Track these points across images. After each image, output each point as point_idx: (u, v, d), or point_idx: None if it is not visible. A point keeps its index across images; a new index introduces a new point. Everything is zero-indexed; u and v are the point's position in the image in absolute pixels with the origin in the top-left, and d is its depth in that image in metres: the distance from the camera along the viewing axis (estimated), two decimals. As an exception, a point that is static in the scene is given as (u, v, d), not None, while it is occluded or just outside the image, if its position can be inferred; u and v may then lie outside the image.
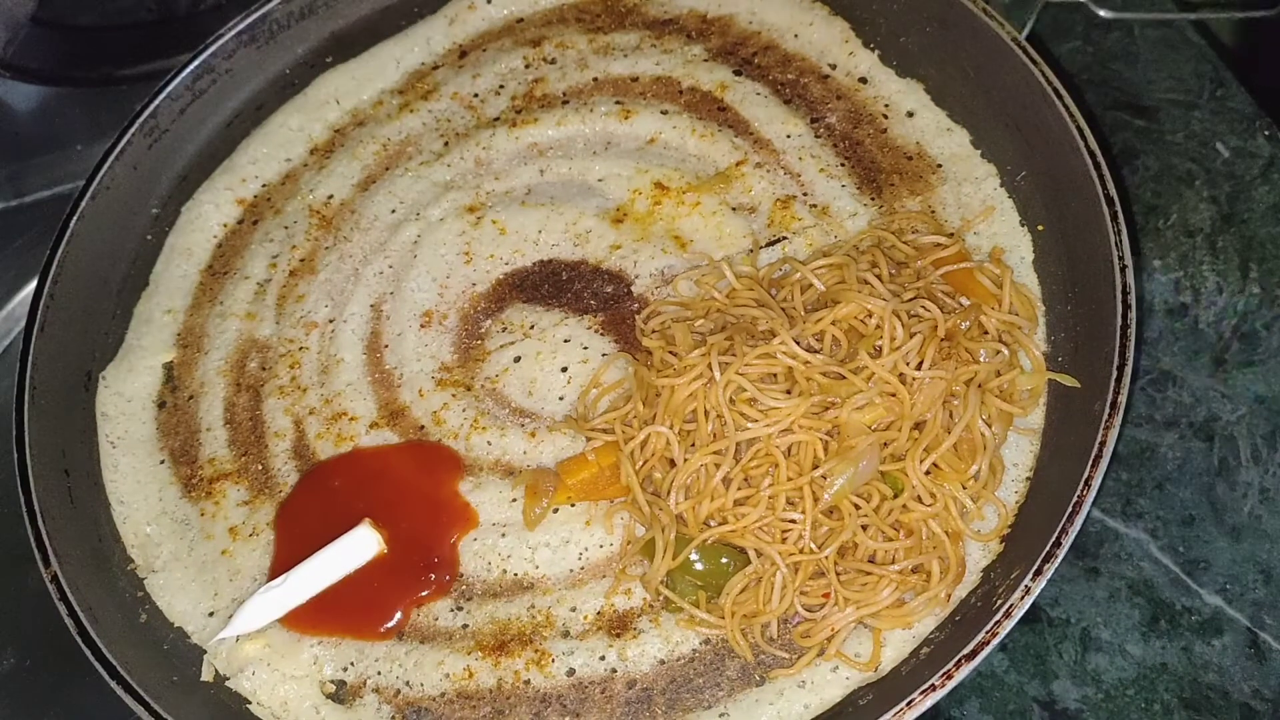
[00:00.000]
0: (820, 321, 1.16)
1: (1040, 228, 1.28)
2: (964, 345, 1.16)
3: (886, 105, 1.39)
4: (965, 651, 1.03)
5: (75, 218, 1.35)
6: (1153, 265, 1.38)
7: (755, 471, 1.13)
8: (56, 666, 1.35)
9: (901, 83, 1.40)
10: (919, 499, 1.12)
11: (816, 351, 1.16)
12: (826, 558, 1.11)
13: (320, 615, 1.18)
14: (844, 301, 1.16)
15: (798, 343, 1.15)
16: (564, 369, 1.28)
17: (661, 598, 1.15)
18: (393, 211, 1.40)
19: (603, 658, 1.15)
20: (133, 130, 1.41)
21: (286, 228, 1.42)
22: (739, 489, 1.13)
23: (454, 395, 1.28)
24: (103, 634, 1.14)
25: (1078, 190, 1.21)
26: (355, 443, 1.27)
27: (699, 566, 1.13)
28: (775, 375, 1.15)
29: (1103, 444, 1.08)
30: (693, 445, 1.15)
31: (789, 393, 1.14)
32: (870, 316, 1.16)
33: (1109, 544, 1.25)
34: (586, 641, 1.15)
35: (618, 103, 1.43)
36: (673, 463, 1.15)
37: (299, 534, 1.22)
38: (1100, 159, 1.20)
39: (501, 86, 1.47)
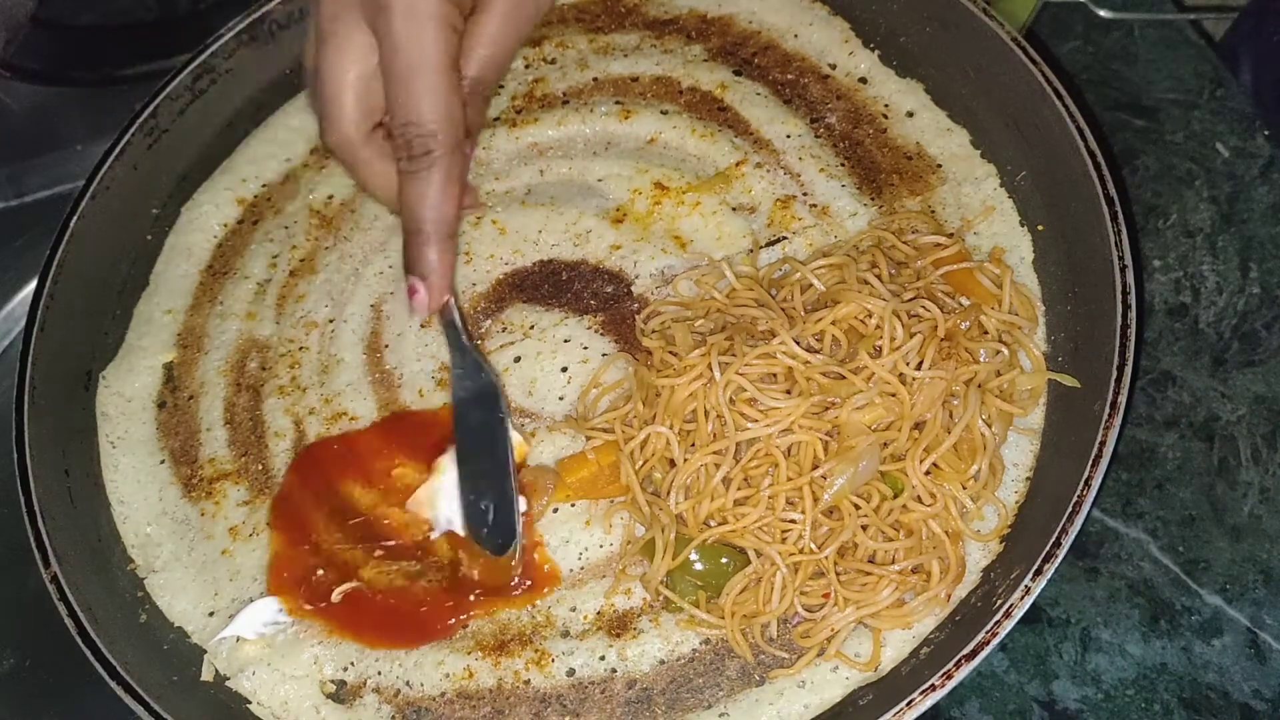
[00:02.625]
0: (820, 321, 1.16)
1: (1040, 228, 1.28)
2: (964, 345, 1.16)
3: (886, 105, 1.39)
4: (965, 651, 1.03)
5: (75, 218, 1.35)
6: (1153, 265, 1.38)
7: (755, 471, 1.13)
8: (56, 666, 1.35)
9: (901, 83, 1.40)
10: (919, 499, 1.12)
11: (816, 351, 1.16)
12: (826, 558, 1.11)
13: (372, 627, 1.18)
14: (844, 301, 1.16)
15: (798, 343, 1.15)
16: (564, 369, 1.28)
17: (661, 598, 1.15)
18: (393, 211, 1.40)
19: (603, 658, 1.15)
20: (133, 130, 1.40)
21: (287, 228, 1.42)
22: (739, 489, 1.13)
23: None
24: (103, 634, 1.14)
25: (1078, 190, 1.21)
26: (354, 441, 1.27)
27: (699, 566, 1.13)
28: (775, 375, 1.15)
29: (1103, 444, 1.08)
30: (693, 445, 1.15)
31: (789, 393, 1.14)
32: (870, 316, 1.16)
33: (1109, 544, 1.25)
34: (586, 641, 1.15)
35: (618, 103, 1.43)
36: (673, 463, 1.15)
37: (297, 522, 1.23)
38: (1100, 159, 1.20)
39: (501, 86, 1.47)
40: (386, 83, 1.03)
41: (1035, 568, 1.04)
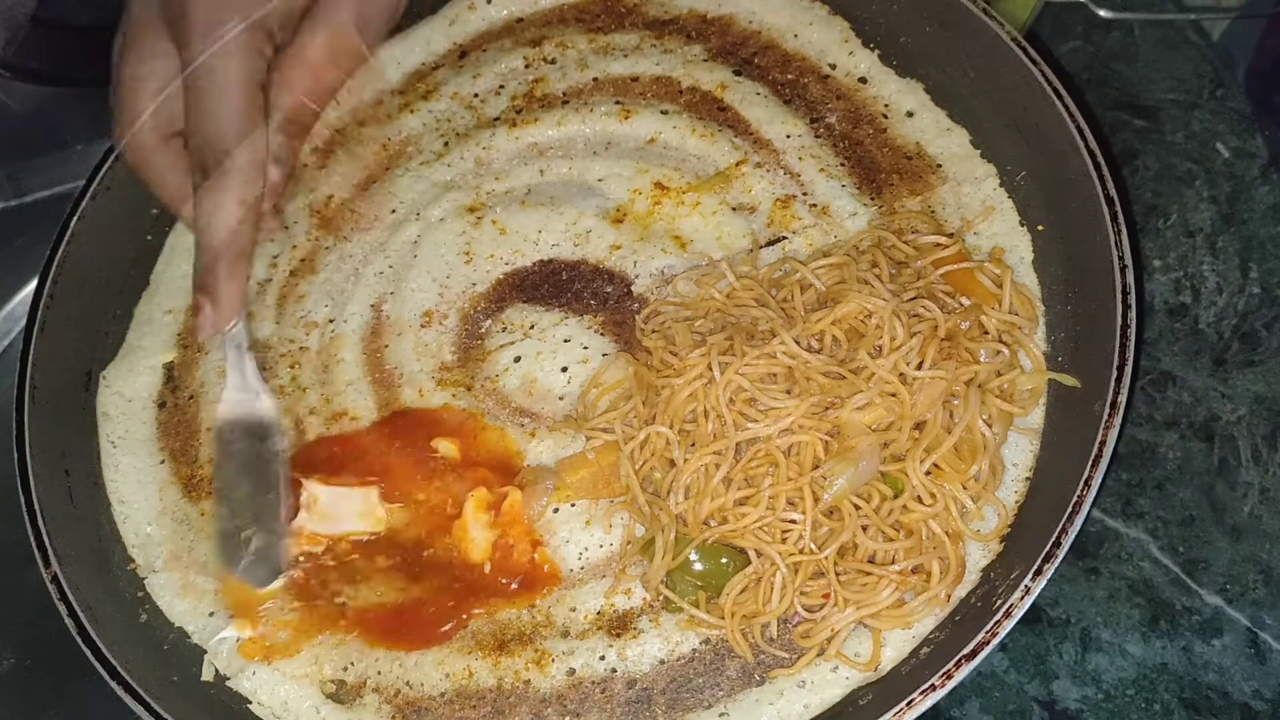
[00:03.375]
0: (820, 321, 1.16)
1: (1040, 228, 1.28)
2: (964, 345, 1.16)
3: (886, 105, 1.39)
4: (965, 651, 1.03)
5: (75, 218, 1.35)
6: (1153, 265, 1.39)
7: (755, 471, 1.13)
8: (56, 666, 1.35)
9: (901, 82, 1.40)
10: (919, 499, 1.12)
11: (817, 352, 1.16)
12: (826, 558, 1.11)
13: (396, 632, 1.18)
14: (844, 301, 1.16)
15: (797, 342, 1.15)
16: (564, 369, 1.28)
17: (661, 598, 1.15)
18: (393, 211, 1.40)
19: (603, 658, 1.15)
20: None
21: (287, 227, 1.42)
22: (739, 489, 1.13)
23: (454, 395, 1.28)
24: (103, 634, 1.14)
25: (1078, 190, 1.21)
26: (355, 442, 1.26)
27: (699, 567, 1.13)
28: (775, 375, 1.15)
29: (1103, 444, 1.08)
30: (693, 445, 1.15)
31: (789, 393, 1.14)
32: (870, 316, 1.16)
33: (1109, 544, 1.25)
34: (586, 641, 1.15)
35: (618, 103, 1.43)
36: (673, 463, 1.15)
37: None
38: (1100, 159, 1.20)
39: (501, 86, 1.47)
40: (185, 97, 1.03)
41: (1035, 568, 1.04)
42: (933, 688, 1.03)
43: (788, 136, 1.38)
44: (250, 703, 1.17)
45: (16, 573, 1.26)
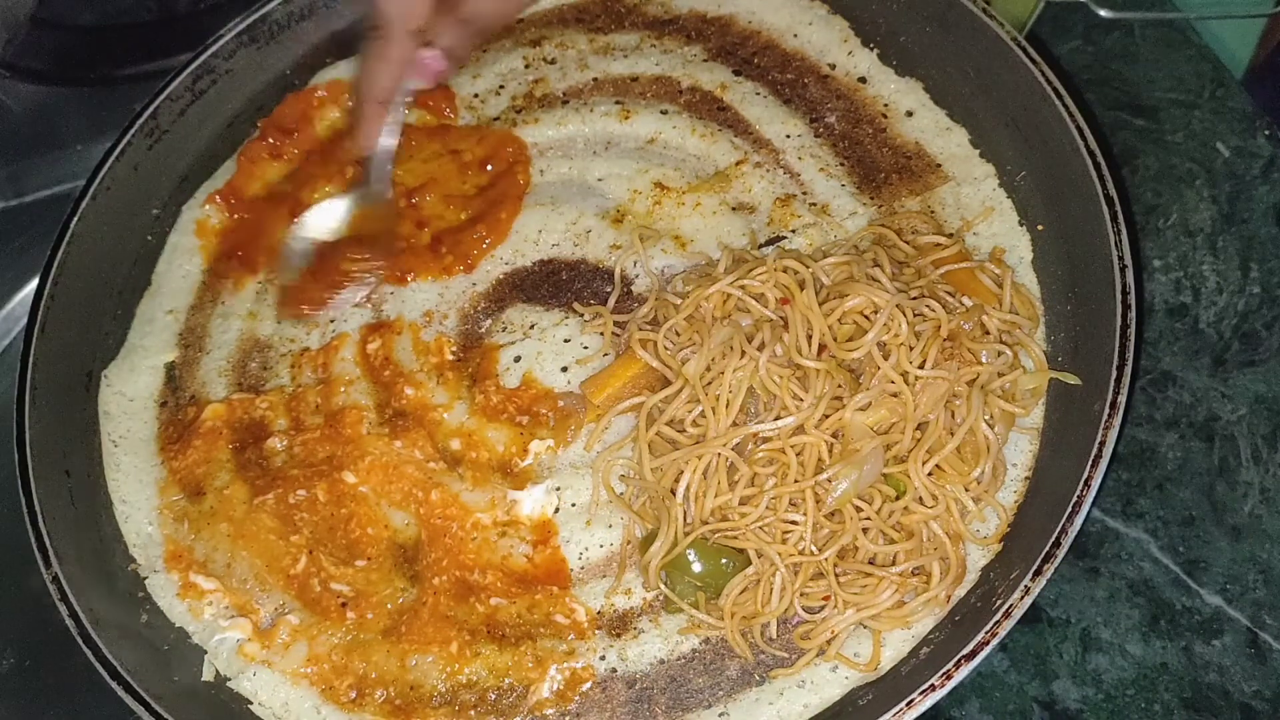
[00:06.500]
0: (828, 317, 1.16)
1: (1040, 228, 1.28)
2: (967, 346, 1.16)
3: (886, 104, 1.39)
4: (965, 651, 1.03)
5: (75, 218, 1.35)
6: (1153, 265, 1.38)
7: (763, 470, 1.12)
8: (56, 666, 1.35)
9: (901, 82, 1.40)
10: (921, 501, 1.12)
11: (823, 348, 1.16)
12: (826, 560, 1.10)
13: None
14: (851, 294, 1.16)
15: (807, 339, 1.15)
16: (564, 369, 1.28)
17: (661, 597, 1.15)
18: (393, 211, 1.40)
19: (603, 658, 1.15)
20: (133, 130, 1.40)
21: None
22: (745, 487, 1.12)
23: (454, 395, 1.28)
24: (103, 634, 1.14)
25: (1078, 190, 1.21)
26: (355, 442, 1.26)
27: (698, 568, 1.12)
28: (780, 375, 1.15)
29: (1103, 444, 1.08)
30: (698, 441, 1.15)
31: (797, 395, 1.14)
32: (878, 312, 1.15)
33: (1109, 544, 1.25)
34: (586, 641, 1.15)
35: (618, 103, 1.43)
36: (676, 445, 1.15)
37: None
38: (1100, 159, 1.20)
39: (501, 86, 1.47)
40: None
41: (1035, 568, 1.04)
42: (933, 688, 1.03)
43: (787, 136, 1.38)
44: (251, 703, 1.17)
45: (16, 573, 1.26)
